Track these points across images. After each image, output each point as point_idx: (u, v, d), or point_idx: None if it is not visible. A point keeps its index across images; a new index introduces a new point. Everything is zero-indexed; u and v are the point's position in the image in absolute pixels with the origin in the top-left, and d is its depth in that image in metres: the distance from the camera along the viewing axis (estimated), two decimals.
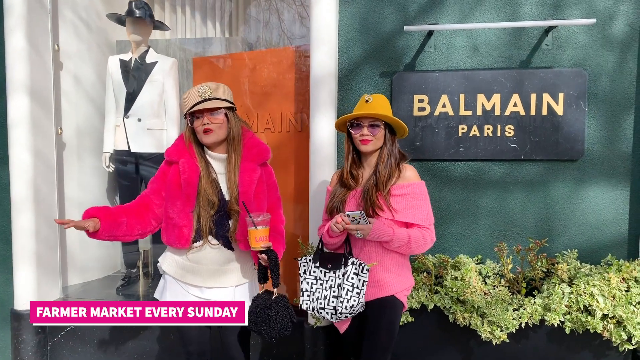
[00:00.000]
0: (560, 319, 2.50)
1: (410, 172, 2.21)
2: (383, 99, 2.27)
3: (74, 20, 3.78)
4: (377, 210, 2.16)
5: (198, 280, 2.13)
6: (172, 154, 2.13)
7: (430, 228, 2.19)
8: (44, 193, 3.43)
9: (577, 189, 2.92)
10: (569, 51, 2.88)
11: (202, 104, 2.07)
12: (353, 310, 2.15)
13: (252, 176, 2.15)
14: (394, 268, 2.22)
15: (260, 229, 2.00)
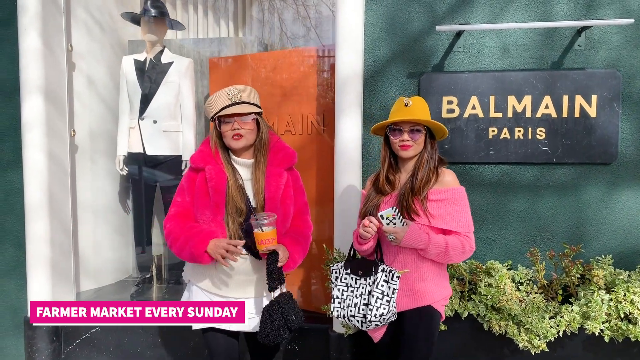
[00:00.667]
0: (600, 327, 2.43)
1: (450, 177, 2.13)
2: (422, 102, 2.19)
3: (87, 20, 3.69)
4: (413, 216, 2.08)
5: (225, 291, 2.06)
6: (197, 161, 2.04)
7: (470, 236, 2.10)
8: (58, 197, 3.33)
9: (610, 193, 2.85)
10: (602, 52, 2.81)
11: (232, 107, 1.99)
12: (383, 319, 2.07)
13: (279, 181, 2.08)
14: (430, 277, 2.14)
15: (265, 231, 1.92)
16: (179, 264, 4.00)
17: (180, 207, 2.06)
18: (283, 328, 1.97)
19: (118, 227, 4.07)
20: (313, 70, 3.30)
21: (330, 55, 3.28)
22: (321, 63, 3.30)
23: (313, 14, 4.50)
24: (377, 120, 2.98)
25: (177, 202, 2.07)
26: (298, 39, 4.48)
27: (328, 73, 3.26)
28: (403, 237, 2.02)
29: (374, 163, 3.00)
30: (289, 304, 2.01)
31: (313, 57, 3.32)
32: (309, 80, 3.32)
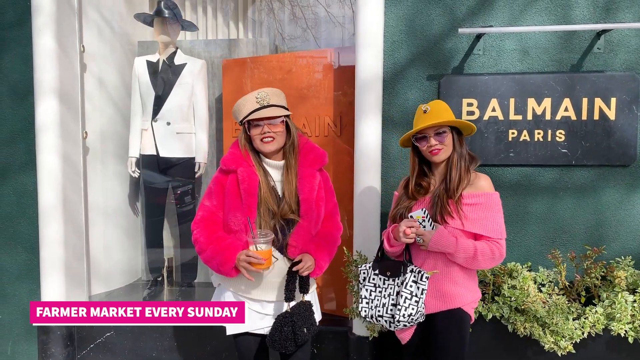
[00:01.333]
0: (625, 329, 2.45)
1: (485, 181, 2.13)
2: (440, 104, 2.19)
3: (98, 21, 3.65)
4: (447, 217, 2.07)
5: (258, 294, 2.04)
6: (229, 163, 2.02)
7: (501, 243, 2.08)
8: (72, 200, 3.30)
9: (629, 195, 2.88)
10: (621, 55, 2.84)
11: (261, 111, 1.98)
12: (412, 320, 2.07)
13: (312, 182, 2.07)
14: (461, 280, 2.14)
15: (261, 250, 1.90)
16: (190, 267, 3.97)
17: (207, 211, 2.03)
18: (290, 341, 1.95)
19: (127, 229, 4.03)
20: (329, 72, 3.30)
21: (347, 57, 3.28)
22: (338, 65, 3.29)
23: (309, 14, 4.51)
24: (397, 122, 2.98)
25: (204, 205, 2.05)
26: (294, 39, 4.49)
27: (345, 75, 3.25)
28: (430, 240, 2.02)
29: (394, 165, 3.00)
30: (304, 316, 1.99)
31: (329, 59, 3.31)
32: (325, 82, 3.31)
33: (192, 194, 3.83)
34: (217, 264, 1.95)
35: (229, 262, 1.92)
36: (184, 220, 3.88)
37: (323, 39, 4.56)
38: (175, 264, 4.04)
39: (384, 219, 3.00)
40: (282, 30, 4.53)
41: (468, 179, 2.12)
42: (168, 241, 4.08)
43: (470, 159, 2.17)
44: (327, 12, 4.52)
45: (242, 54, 4.01)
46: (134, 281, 4.12)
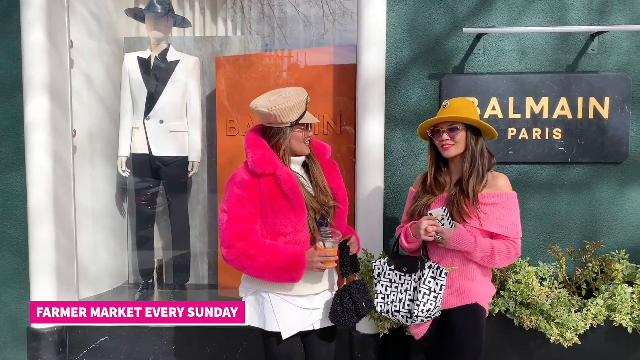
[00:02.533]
0: (626, 319, 2.55)
1: (503, 181, 2.16)
2: (463, 101, 2.21)
3: (85, 15, 3.52)
4: (465, 217, 2.10)
5: (307, 289, 2.01)
6: (265, 166, 1.92)
7: (517, 242, 2.13)
8: (62, 200, 3.18)
9: (621, 191, 2.99)
10: (613, 56, 2.95)
11: (308, 114, 2.01)
12: (429, 314, 2.09)
13: (336, 169, 2.18)
14: (477, 276, 2.16)
15: (330, 248, 1.93)
16: (182, 268, 3.89)
17: (244, 221, 1.91)
18: (352, 312, 2.00)
19: (114, 231, 3.91)
20: (329, 70, 3.29)
21: (347, 56, 3.28)
22: (339, 63, 3.29)
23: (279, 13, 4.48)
24: (399, 121, 3.01)
25: (237, 215, 1.91)
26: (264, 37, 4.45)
27: (344, 73, 3.26)
28: (450, 238, 2.05)
29: (396, 163, 3.02)
30: (361, 291, 2.06)
31: (330, 56, 3.31)
32: (325, 80, 3.30)
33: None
34: (290, 272, 1.90)
35: (302, 266, 1.90)
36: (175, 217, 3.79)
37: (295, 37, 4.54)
38: (165, 265, 3.94)
39: (387, 216, 3.02)
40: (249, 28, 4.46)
41: (486, 180, 2.14)
42: (158, 242, 3.98)
43: (488, 158, 2.18)
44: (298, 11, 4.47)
45: (232, 51, 3.95)
46: (122, 284, 4.00)
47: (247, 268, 1.92)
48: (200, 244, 4.02)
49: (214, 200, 3.95)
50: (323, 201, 2.03)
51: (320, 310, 2.07)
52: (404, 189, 2.98)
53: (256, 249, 1.89)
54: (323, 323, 2.07)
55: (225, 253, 1.93)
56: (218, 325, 3.13)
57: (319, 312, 2.06)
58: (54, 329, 3.10)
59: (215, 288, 3.86)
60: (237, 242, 1.89)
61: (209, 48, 3.99)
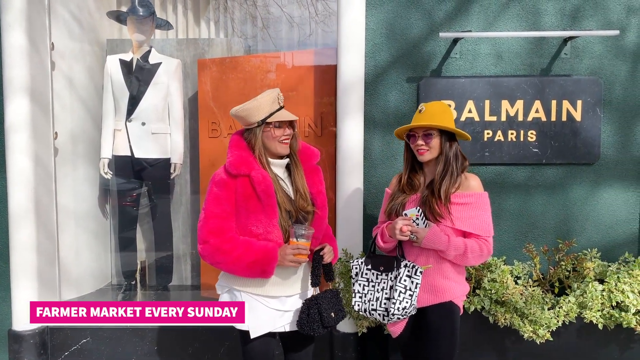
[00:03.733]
0: (596, 316, 2.62)
1: (474, 181, 2.22)
2: (439, 106, 2.26)
3: (66, 17, 3.52)
4: (437, 217, 2.16)
5: (279, 290, 2.04)
6: (240, 167, 1.96)
7: (489, 240, 2.19)
8: (44, 203, 3.18)
9: (593, 191, 3.08)
10: (585, 60, 3.03)
11: (283, 113, 2.01)
12: (405, 312, 2.15)
13: (320, 175, 2.19)
14: (451, 274, 2.22)
15: (302, 242, 1.96)
16: (165, 269, 3.90)
17: (219, 219, 1.96)
18: (317, 323, 2.01)
19: (96, 233, 3.91)
20: (311, 72, 3.34)
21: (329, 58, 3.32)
22: (320, 65, 3.34)
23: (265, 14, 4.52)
24: (377, 123, 3.06)
25: (214, 212, 1.96)
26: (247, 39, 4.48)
27: (325, 76, 3.30)
28: (424, 238, 2.10)
29: (375, 165, 3.08)
30: (331, 302, 2.07)
31: (311, 59, 3.35)
32: (305, 83, 3.35)
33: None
34: (262, 266, 1.93)
35: (274, 259, 1.93)
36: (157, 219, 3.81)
37: (283, 39, 4.58)
38: (148, 267, 3.96)
39: (367, 217, 3.07)
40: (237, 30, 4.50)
41: (458, 182, 2.20)
42: (141, 244, 3.99)
43: (462, 161, 2.25)
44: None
45: (215, 54, 3.98)
46: (104, 286, 4.01)
47: (220, 263, 1.97)
48: (184, 246, 4.04)
49: (197, 201, 3.97)
50: (302, 206, 2.05)
51: (292, 313, 2.09)
52: (384, 190, 3.00)
53: (229, 245, 1.94)
54: (294, 326, 2.08)
55: (200, 249, 1.99)
56: (200, 325, 3.18)
57: (291, 315, 2.08)
58: (35, 330, 3.10)
59: (198, 289, 3.88)
60: (212, 239, 1.95)
61: (192, 50, 4.01)
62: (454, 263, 2.21)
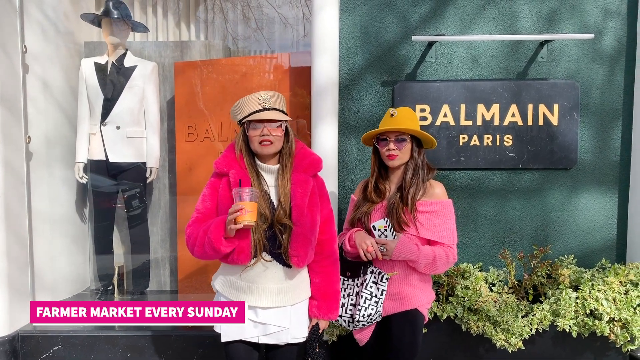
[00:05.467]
0: (569, 324, 2.59)
1: (439, 189, 2.19)
2: (409, 111, 2.24)
3: (41, 19, 3.47)
4: (403, 226, 2.13)
5: (252, 300, 1.99)
6: (221, 166, 2.00)
7: (454, 247, 2.17)
8: (14, 208, 3.13)
9: (571, 197, 3.04)
10: (562, 64, 2.99)
11: (262, 113, 1.95)
12: (371, 319, 2.13)
13: (305, 188, 2.02)
14: (417, 282, 2.20)
15: (245, 202, 1.83)
16: (142, 274, 3.86)
17: (200, 213, 2.01)
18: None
19: (74, 237, 3.87)
20: (286, 76, 3.30)
21: (300, 61, 3.29)
22: (294, 68, 3.30)
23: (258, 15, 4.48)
24: (352, 127, 3.02)
25: (198, 209, 2.02)
26: (245, 40, 4.45)
27: (300, 78, 3.27)
28: (394, 249, 2.07)
29: (350, 169, 3.04)
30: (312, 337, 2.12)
31: (285, 63, 3.32)
32: (280, 86, 3.31)
33: (140, 198, 3.73)
34: (209, 239, 1.87)
35: (219, 228, 1.86)
36: (133, 224, 3.76)
37: (275, 40, 4.55)
38: (126, 271, 3.91)
39: (341, 222, 3.03)
40: (232, 31, 4.48)
41: (424, 188, 2.17)
42: (118, 248, 3.95)
43: (427, 169, 2.22)
44: (278, 13, 4.50)
45: (194, 57, 3.93)
46: (82, 290, 3.96)
47: (192, 250, 1.97)
48: (162, 250, 4.00)
49: (175, 205, 3.93)
50: (279, 216, 1.97)
51: (268, 326, 2.02)
52: None
53: (195, 230, 1.95)
54: (269, 340, 2.03)
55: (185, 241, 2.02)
56: (175, 333, 3.14)
57: (266, 328, 2.02)
58: (5, 338, 3.05)
59: (177, 294, 3.84)
60: (188, 229, 1.99)
61: (171, 52, 3.96)
62: (419, 272, 2.18)
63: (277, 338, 2.02)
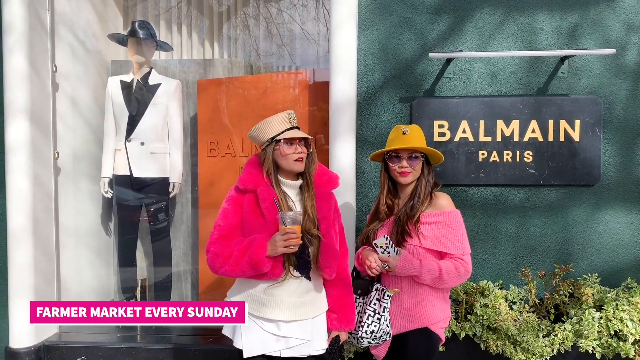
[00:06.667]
0: (592, 345, 2.52)
1: (444, 200, 2.19)
2: (418, 129, 2.26)
3: (71, 40, 3.61)
4: (406, 237, 2.13)
5: (276, 314, 2.01)
6: (247, 183, 2.01)
7: (464, 258, 2.14)
8: (42, 222, 3.24)
9: (594, 214, 2.98)
10: (584, 79, 2.96)
11: (295, 131, 2.03)
12: (374, 337, 2.13)
13: (330, 202, 2.12)
14: (427, 300, 2.17)
15: (292, 226, 1.92)
16: (164, 287, 3.92)
17: (224, 230, 2.00)
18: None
19: (99, 250, 3.96)
20: (304, 92, 3.34)
21: (321, 77, 3.33)
22: (312, 85, 3.34)
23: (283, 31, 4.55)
24: (370, 143, 3.03)
25: (219, 225, 2.01)
26: (270, 56, 4.52)
27: (319, 95, 3.30)
28: (396, 266, 2.07)
29: (368, 185, 3.05)
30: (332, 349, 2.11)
31: (304, 79, 3.36)
32: (300, 102, 3.35)
33: (165, 211, 3.80)
34: (250, 259, 1.91)
35: (261, 249, 1.90)
36: (157, 238, 3.83)
37: (298, 55, 4.61)
38: (148, 284, 3.98)
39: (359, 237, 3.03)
40: (257, 47, 4.56)
41: (428, 202, 2.18)
42: (141, 261, 4.03)
43: (434, 185, 2.23)
44: (302, 29, 4.57)
45: (217, 74, 4.02)
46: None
47: (221, 267, 1.96)
48: (184, 263, 4.06)
49: (197, 219, 3.99)
50: (307, 227, 2.02)
51: (290, 340, 2.04)
52: None
53: (226, 248, 1.96)
54: (291, 353, 2.04)
55: (207, 260, 2.01)
56: (195, 347, 3.18)
57: (288, 342, 2.03)
58: (31, 348, 3.14)
59: None
60: (212, 248, 1.99)
61: (195, 70, 4.06)
62: (431, 288, 2.16)
63: (299, 351, 2.04)
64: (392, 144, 2.22)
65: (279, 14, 4.52)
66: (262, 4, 4.44)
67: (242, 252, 1.93)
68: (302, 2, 4.51)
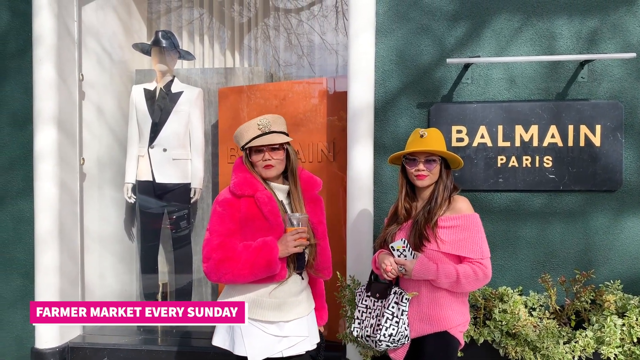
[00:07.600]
0: (615, 352, 2.48)
1: (462, 203, 2.19)
2: (437, 133, 2.26)
3: (97, 50, 3.74)
4: (424, 241, 2.13)
5: (280, 315, 2.05)
6: (244, 188, 2.03)
7: (483, 263, 2.12)
8: (68, 227, 3.34)
9: (617, 220, 2.93)
10: (604, 84, 2.93)
11: (262, 138, 2.04)
12: (393, 340, 2.12)
13: (322, 205, 2.21)
14: (446, 303, 2.16)
15: (297, 226, 2.01)
16: (185, 292, 3.98)
17: (222, 235, 2.00)
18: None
19: (122, 255, 4.06)
20: (323, 100, 3.38)
21: (340, 85, 3.37)
22: (331, 93, 3.38)
23: (304, 42, 4.61)
24: (388, 149, 3.05)
25: (217, 230, 2.00)
26: (290, 66, 4.59)
27: (338, 102, 3.34)
28: (412, 270, 2.08)
29: (386, 190, 3.06)
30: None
31: (323, 87, 3.40)
32: (319, 110, 3.39)
33: (187, 219, 3.87)
34: (267, 261, 1.94)
35: (274, 249, 1.94)
36: (179, 245, 3.91)
37: (318, 65, 4.67)
38: (169, 290, 4.05)
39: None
40: (277, 57, 4.64)
41: (447, 205, 2.18)
42: (163, 266, 4.10)
43: (453, 189, 2.23)
44: (322, 39, 4.63)
45: (238, 82, 4.10)
46: None
47: (226, 274, 1.96)
48: None
49: None
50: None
51: (291, 338, 2.08)
52: None
53: (232, 253, 1.97)
54: (292, 351, 2.08)
55: (205, 267, 2.00)
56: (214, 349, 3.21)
57: (289, 340, 2.08)
58: (56, 349, 3.22)
59: None
60: (214, 254, 1.97)
61: (216, 78, 4.15)
62: (450, 292, 2.16)
63: (299, 348, 2.09)
64: (409, 146, 2.24)
65: (299, 24, 4.60)
66: (282, 15, 4.52)
67: (255, 255, 1.95)
68: (323, 13, 4.59)
